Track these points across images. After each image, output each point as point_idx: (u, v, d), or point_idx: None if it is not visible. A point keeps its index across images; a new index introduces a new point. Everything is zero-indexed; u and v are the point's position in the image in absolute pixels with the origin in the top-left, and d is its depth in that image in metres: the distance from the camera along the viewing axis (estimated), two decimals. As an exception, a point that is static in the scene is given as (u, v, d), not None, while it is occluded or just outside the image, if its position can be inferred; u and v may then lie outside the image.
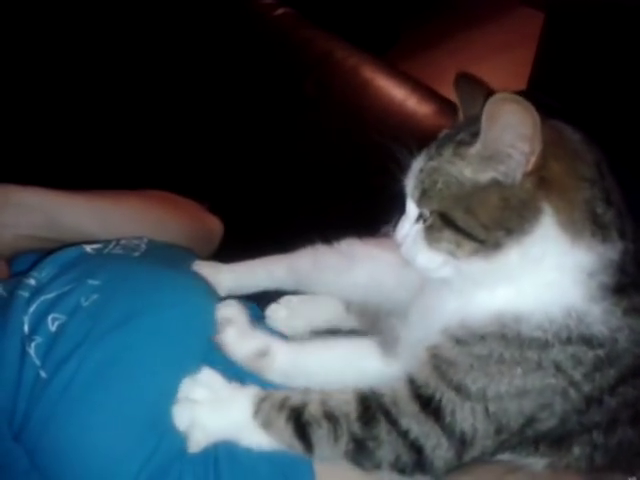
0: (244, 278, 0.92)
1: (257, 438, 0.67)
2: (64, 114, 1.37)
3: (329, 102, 1.35)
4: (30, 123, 1.34)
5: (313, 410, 0.66)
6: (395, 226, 0.96)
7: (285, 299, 0.89)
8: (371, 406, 0.65)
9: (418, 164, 0.67)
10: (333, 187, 1.28)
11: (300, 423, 0.65)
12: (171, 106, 1.42)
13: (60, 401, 0.66)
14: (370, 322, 0.85)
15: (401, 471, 0.65)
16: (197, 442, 0.66)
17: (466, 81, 0.74)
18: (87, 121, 1.38)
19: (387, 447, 0.64)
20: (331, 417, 0.65)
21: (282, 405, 0.67)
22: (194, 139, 1.39)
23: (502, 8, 2.59)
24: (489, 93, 0.71)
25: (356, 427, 0.64)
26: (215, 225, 1.14)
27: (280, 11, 1.52)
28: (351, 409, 0.65)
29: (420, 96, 1.32)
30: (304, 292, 0.91)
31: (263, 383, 0.72)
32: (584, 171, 0.62)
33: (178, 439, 0.67)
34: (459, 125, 0.70)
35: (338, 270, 0.88)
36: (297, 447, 0.66)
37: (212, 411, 0.67)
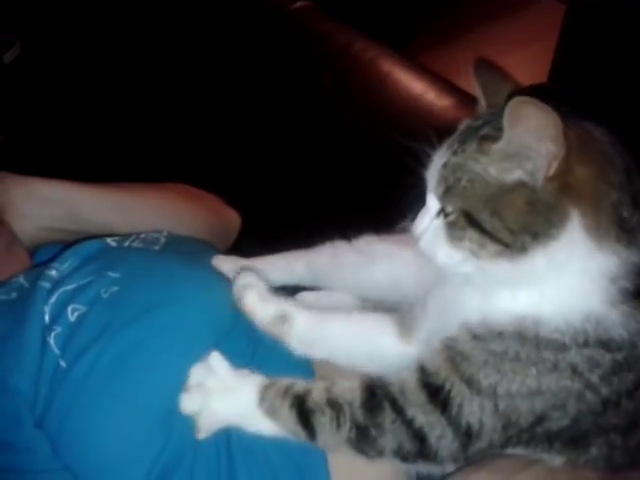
0: (265, 272, 0.92)
1: (263, 425, 0.68)
2: (85, 108, 1.38)
3: (348, 95, 1.34)
4: (52, 118, 1.35)
5: (316, 397, 0.66)
6: (413, 219, 0.96)
7: (301, 295, 0.89)
8: (377, 393, 0.65)
9: (441, 158, 0.65)
10: (351, 181, 1.27)
11: (303, 410, 0.66)
12: (191, 100, 1.43)
13: (79, 390, 0.67)
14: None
15: (404, 459, 0.65)
16: (206, 427, 0.68)
17: (486, 68, 0.72)
18: (108, 113, 1.39)
19: (390, 435, 0.64)
20: (334, 404, 0.65)
21: (286, 392, 0.67)
22: (214, 133, 1.39)
23: (521, 1, 2.56)
24: (512, 87, 0.71)
25: (359, 414, 0.65)
26: (233, 218, 1.14)
27: (298, 4, 1.51)
28: (355, 396, 0.66)
29: (439, 89, 1.31)
30: (322, 288, 0.91)
31: (275, 374, 0.72)
32: (612, 175, 0.61)
33: (192, 429, 0.68)
34: (482, 116, 0.68)
35: (356, 268, 0.87)
36: (301, 434, 0.66)
37: (220, 397, 0.68)
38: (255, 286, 0.76)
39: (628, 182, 0.61)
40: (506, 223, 0.59)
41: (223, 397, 0.68)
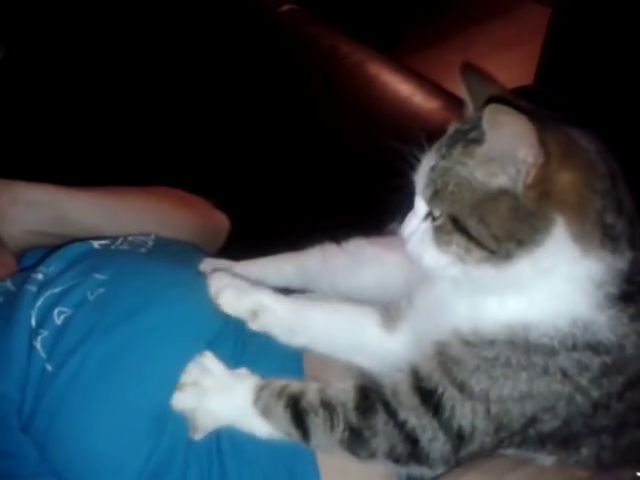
0: (253, 275, 0.92)
1: (257, 425, 0.68)
2: (72, 111, 1.37)
3: (335, 98, 1.35)
4: (38, 121, 1.35)
5: (311, 398, 0.67)
6: (402, 221, 0.97)
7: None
8: (370, 396, 0.66)
9: (429, 161, 0.66)
10: (340, 183, 1.28)
11: (298, 411, 0.66)
12: (177, 103, 1.42)
13: (66, 394, 0.66)
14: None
15: (396, 461, 0.65)
16: (202, 427, 0.68)
17: (472, 72, 0.73)
18: (93, 117, 1.38)
19: (382, 437, 0.64)
20: (328, 405, 0.66)
21: (281, 392, 0.68)
22: (201, 136, 1.39)
23: (508, 4, 2.58)
24: (497, 91, 0.71)
25: (352, 416, 0.65)
26: (222, 221, 1.14)
27: (285, 7, 1.51)
28: (349, 398, 0.66)
29: (426, 91, 1.32)
30: (312, 291, 0.91)
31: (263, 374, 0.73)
32: (596, 182, 0.61)
33: (183, 430, 0.68)
34: (470, 120, 0.68)
35: (346, 270, 0.88)
36: (294, 435, 0.67)
37: (216, 397, 0.68)
38: (229, 284, 0.77)
39: (613, 188, 0.62)
40: (491, 230, 0.60)
41: (219, 397, 0.68)
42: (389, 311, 0.76)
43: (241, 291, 0.76)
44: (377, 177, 1.23)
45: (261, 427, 0.68)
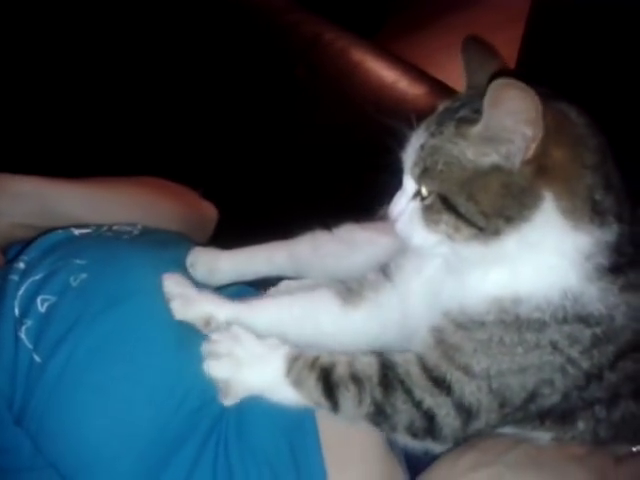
0: (244, 264, 0.92)
1: (288, 395, 0.69)
2: (55, 102, 1.35)
3: (320, 85, 1.35)
4: (23, 113, 1.33)
5: (341, 371, 0.68)
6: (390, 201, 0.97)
7: (284, 284, 0.89)
8: (388, 374, 0.67)
9: (418, 139, 0.66)
10: (327, 170, 1.28)
11: (329, 384, 0.67)
12: (161, 92, 1.41)
13: (58, 384, 0.66)
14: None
15: (414, 435, 0.67)
16: (233, 395, 0.69)
17: (475, 46, 0.72)
18: (78, 108, 1.36)
19: (403, 414, 0.66)
20: (357, 380, 0.67)
21: (313, 364, 0.69)
22: (186, 125, 1.38)
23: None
24: (496, 67, 0.70)
25: (377, 392, 0.66)
26: (209, 211, 1.13)
27: (266, -6, 1.50)
28: (373, 372, 0.67)
29: (411, 78, 1.32)
30: (303, 278, 0.91)
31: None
32: (587, 157, 0.62)
33: (184, 416, 0.68)
34: (461, 97, 0.69)
35: (338, 256, 0.88)
36: (324, 405, 0.68)
37: (249, 367, 0.69)
38: (176, 293, 0.76)
39: (602, 163, 0.63)
40: (480, 207, 0.60)
41: (252, 367, 0.69)
42: (350, 286, 0.77)
43: (190, 299, 0.75)
44: (364, 163, 1.23)
45: (291, 396, 0.69)
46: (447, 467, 0.66)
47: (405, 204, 0.67)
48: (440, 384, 0.65)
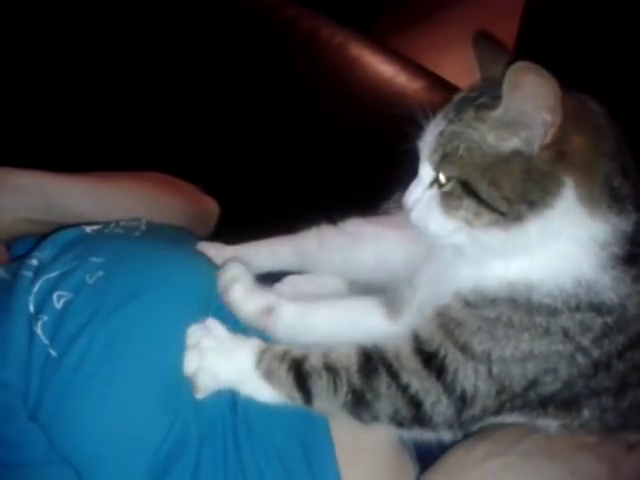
0: (249, 259, 0.91)
1: (259, 388, 0.68)
2: (56, 95, 1.34)
3: (319, 80, 1.34)
4: (25, 107, 1.31)
5: (314, 362, 0.67)
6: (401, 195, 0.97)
7: (290, 278, 0.88)
8: (372, 358, 0.66)
9: (436, 127, 0.65)
10: (327, 164, 1.28)
11: (300, 374, 0.66)
12: (161, 87, 1.40)
13: (73, 379, 0.65)
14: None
15: (399, 424, 0.66)
16: (202, 386, 0.68)
17: (485, 41, 0.72)
18: (78, 102, 1.35)
19: (386, 400, 0.65)
20: (331, 368, 0.66)
21: (283, 356, 0.68)
22: (186, 120, 1.37)
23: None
24: (511, 57, 0.71)
25: (355, 378, 0.65)
26: (211, 206, 1.13)
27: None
28: (352, 362, 0.66)
29: (409, 72, 1.32)
30: (308, 273, 0.90)
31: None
32: (605, 145, 0.62)
33: (196, 410, 0.68)
34: (478, 88, 0.68)
35: (344, 250, 0.88)
36: (297, 398, 0.67)
37: (215, 357, 0.68)
38: (241, 279, 0.76)
39: (619, 152, 0.63)
40: (503, 192, 0.60)
41: (219, 356, 0.68)
42: (391, 300, 0.76)
43: (251, 290, 0.75)
44: (365, 157, 1.24)
45: (263, 390, 0.68)
46: (460, 457, 0.66)
47: (421, 193, 0.67)
48: (430, 363, 0.64)
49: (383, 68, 1.33)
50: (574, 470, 0.63)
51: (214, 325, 0.71)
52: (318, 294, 0.87)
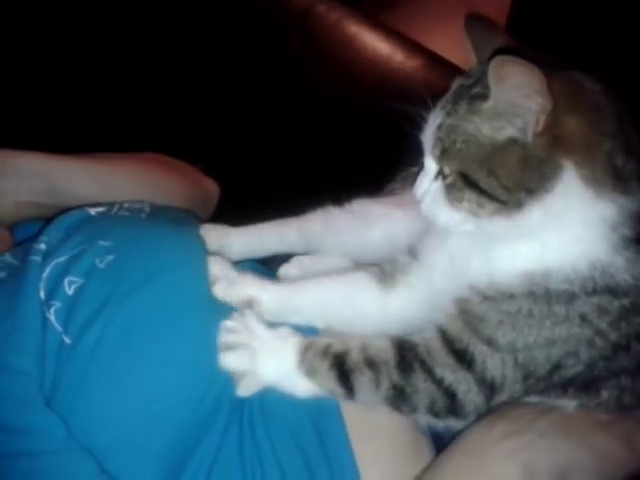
0: (254, 241, 0.92)
1: (301, 385, 0.68)
2: (56, 78, 1.31)
3: (315, 57, 1.33)
4: (26, 90, 1.29)
5: (355, 357, 0.67)
6: (401, 180, 0.96)
7: (296, 259, 0.88)
8: (407, 355, 0.67)
9: (435, 119, 0.66)
10: (324, 144, 1.27)
11: (343, 370, 0.67)
12: (158, 69, 1.37)
13: (89, 365, 0.65)
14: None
15: (435, 414, 0.67)
16: (247, 388, 0.68)
17: (477, 24, 0.72)
18: (77, 85, 1.33)
19: (424, 393, 0.66)
20: (372, 364, 0.67)
21: (325, 352, 0.68)
22: (182, 101, 1.35)
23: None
24: (500, 43, 0.71)
25: (395, 374, 0.66)
26: (211, 187, 1.12)
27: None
28: (389, 356, 0.67)
29: (407, 49, 1.31)
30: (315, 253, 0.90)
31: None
32: (604, 124, 0.62)
33: (215, 397, 0.68)
34: (474, 73, 0.68)
35: (352, 231, 0.88)
36: (339, 393, 0.68)
37: (264, 359, 0.68)
38: (221, 275, 0.76)
39: (620, 129, 0.63)
40: (501, 181, 0.61)
41: (267, 358, 0.69)
42: (384, 270, 0.77)
43: (234, 281, 0.75)
44: (362, 135, 1.23)
45: (303, 386, 0.68)
46: (478, 437, 0.66)
47: (428, 185, 0.68)
48: (462, 358, 0.65)
49: (380, 45, 1.32)
50: (590, 448, 0.64)
51: (254, 322, 0.71)
52: (325, 274, 0.88)
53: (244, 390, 0.69)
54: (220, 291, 0.74)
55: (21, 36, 1.31)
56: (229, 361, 0.68)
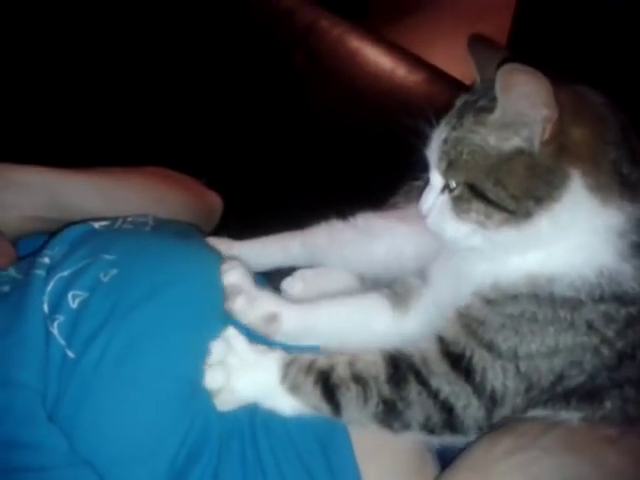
0: (258, 254, 0.91)
1: (285, 402, 0.67)
2: (58, 90, 1.32)
3: (319, 72, 1.34)
4: (29, 103, 1.29)
5: (341, 372, 0.66)
6: (404, 194, 0.96)
7: (300, 272, 0.88)
8: (400, 366, 0.65)
9: (440, 134, 0.67)
10: (327, 157, 1.27)
11: (328, 386, 0.65)
12: (161, 82, 1.38)
13: (92, 380, 0.64)
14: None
15: (430, 431, 0.65)
16: (224, 404, 0.67)
17: (479, 43, 0.74)
18: (80, 96, 1.33)
19: (417, 408, 0.64)
20: (359, 379, 0.65)
21: (309, 368, 0.67)
22: (185, 114, 1.35)
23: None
24: (504, 57, 0.72)
25: (386, 388, 0.64)
26: (215, 200, 1.12)
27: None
28: (380, 370, 0.65)
29: (409, 64, 1.32)
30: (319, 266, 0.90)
31: (286, 345, 0.72)
32: (608, 134, 0.63)
33: (216, 411, 0.67)
34: (477, 90, 0.70)
35: (356, 245, 0.88)
36: (325, 410, 0.66)
37: (240, 375, 0.67)
38: (242, 287, 0.74)
39: (625, 140, 0.64)
40: (509, 191, 0.61)
41: (243, 374, 0.67)
42: (397, 292, 0.76)
43: (254, 296, 0.73)
44: (365, 149, 1.23)
45: (287, 403, 0.67)
46: (483, 453, 0.65)
47: (434, 199, 0.68)
48: (458, 365, 0.64)
49: (383, 60, 1.33)
50: (597, 464, 0.63)
51: (235, 338, 0.69)
52: (329, 288, 0.87)
53: (224, 407, 0.67)
54: (239, 306, 0.72)
55: (23, 48, 1.32)
56: (207, 381, 0.67)
